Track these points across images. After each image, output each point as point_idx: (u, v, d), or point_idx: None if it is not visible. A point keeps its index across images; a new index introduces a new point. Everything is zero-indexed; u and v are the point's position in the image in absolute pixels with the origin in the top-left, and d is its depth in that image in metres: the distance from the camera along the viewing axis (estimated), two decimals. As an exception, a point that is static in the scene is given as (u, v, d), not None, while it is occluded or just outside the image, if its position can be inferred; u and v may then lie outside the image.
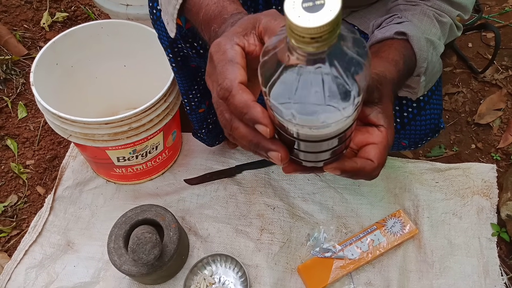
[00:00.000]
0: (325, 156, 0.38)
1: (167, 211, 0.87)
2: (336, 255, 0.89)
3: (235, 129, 0.37)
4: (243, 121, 0.36)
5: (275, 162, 0.38)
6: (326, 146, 0.36)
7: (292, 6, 0.25)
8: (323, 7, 0.24)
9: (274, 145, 0.36)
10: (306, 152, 0.37)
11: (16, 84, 1.21)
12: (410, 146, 0.78)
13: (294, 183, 1.02)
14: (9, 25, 1.32)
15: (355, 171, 0.40)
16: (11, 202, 1.01)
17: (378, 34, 0.56)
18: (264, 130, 0.35)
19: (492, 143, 1.07)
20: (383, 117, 0.42)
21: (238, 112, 0.36)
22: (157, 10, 0.66)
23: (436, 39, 0.58)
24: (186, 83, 0.78)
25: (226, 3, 0.45)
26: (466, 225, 0.93)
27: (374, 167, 0.41)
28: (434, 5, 0.60)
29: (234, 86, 0.36)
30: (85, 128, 0.80)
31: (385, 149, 0.42)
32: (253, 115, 0.35)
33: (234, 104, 0.36)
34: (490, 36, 1.26)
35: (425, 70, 0.56)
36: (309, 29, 0.25)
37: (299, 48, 0.27)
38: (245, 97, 0.35)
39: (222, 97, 0.37)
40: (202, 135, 0.95)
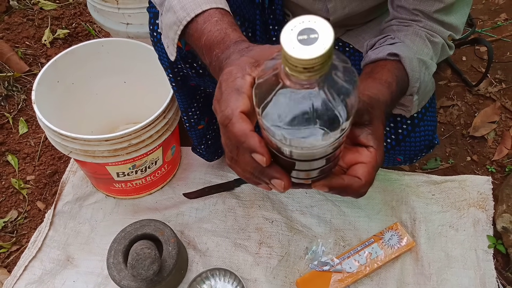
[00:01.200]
0: (314, 174, 0.40)
1: (166, 226, 0.88)
2: (334, 268, 0.89)
3: (240, 155, 0.39)
4: (242, 149, 0.38)
5: (277, 189, 0.39)
6: (316, 165, 0.37)
7: (288, 37, 0.27)
8: (316, 41, 0.26)
9: (278, 173, 0.38)
10: (297, 171, 0.39)
11: (17, 100, 1.23)
12: (405, 162, 0.79)
13: (292, 196, 1.03)
14: (11, 42, 1.34)
15: (342, 188, 0.41)
16: (11, 217, 1.02)
17: (372, 55, 0.58)
18: (260, 159, 0.37)
19: (487, 155, 1.08)
20: (372, 138, 0.44)
21: (237, 141, 0.37)
22: (157, 33, 0.68)
23: (428, 59, 0.60)
24: (185, 101, 0.80)
25: (229, 30, 0.47)
26: (462, 237, 0.94)
27: (361, 184, 0.42)
28: (426, 25, 0.62)
29: (234, 114, 0.37)
30: (86, 145, 0.82)
31: (373, 169, 0.43)
32: (250, 144, 0.36)
33: (233, 132, 0.37)
34: (483, 50, 1.28)
35: (417, 90, 0.58)
36: (302, 60, 0.26)
37: (292, 76, 0.29)
38: (244, 126, 0.37)
39: (222, 124, 0.38)
40: (201, 151, 0.97)
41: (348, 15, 0.72)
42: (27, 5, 1.46)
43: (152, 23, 0.69)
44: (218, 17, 0.49)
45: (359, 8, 0.71)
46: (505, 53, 1.28)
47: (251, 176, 0.40)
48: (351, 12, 0.71)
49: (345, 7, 0.70)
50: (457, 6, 0.61)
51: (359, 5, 0.70)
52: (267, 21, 0.74)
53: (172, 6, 0.52)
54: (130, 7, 0.98)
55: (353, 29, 0.80)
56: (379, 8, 0.74)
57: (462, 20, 0.64)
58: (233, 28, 0.48)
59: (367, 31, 0.77)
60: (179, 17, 0.51)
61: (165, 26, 0.55)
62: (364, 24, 0.79)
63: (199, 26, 0.49)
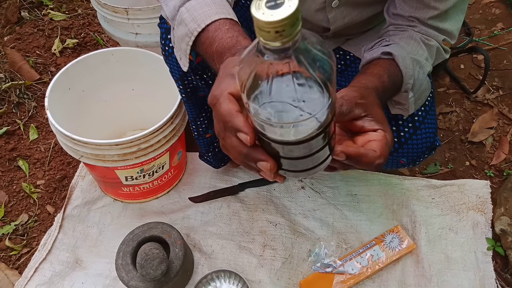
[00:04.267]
0: (311, 163, 0.40)
1: (173, 228, 0.90)
2: (337, 270, 0.91)
3: (227, 138, 0.39)
4: (227, 129, 0.39)
5: (264, 172, 0.39)
6: (309, 149, 0.37)
7: (257, 7, 0.29)
8: (283, 4, 0.29)
9: (263, 156, 0.38)
10: (293, 159, 0.39)
11: (28, 107, 1.27)
12: (408, 164, 0.82)
13: (295, 200, 1.05)
14: (22, 51, 1.38)
15: (359, 156, 0.42)
16: (22, 220, 1.05)
17: (367, 56, 0.62)
18: (244, 138, 0.37)
19: (485, 160, 1.11)
20: (376, 123, 0.46)
21: (223, 120, 0.38)
22: (169, 47, 0.72)
23: (423, 59, 0.63)
24: (194, 111, 0.83)
25: (240, 38, 0.50)
26: (462, 239, 0.96)
27: (376, 155, 0.43)
28: (421, 30, 0.65)
29: (223, 94, 0.39)
30: (96, 149, 0.85)
31: (386, 145, 0.45)
32: (235, 123, 0.37)
33: (219, 112, 0.38)
34: (480, 58, 1.32)
35: (412, 87, 0.60)
36: (272, 22, 0.28)
37: (266, 44, 0.30)
38: (230, 106, 0.38)
39: (211, 103, 0.40)
40: (209, 158, 1.00)
41: (348, 24, 0.75)
42: (38, 16, 1.51)
43: (163, 38, 0.72)
44: (228, 26, 0.52)
45: (358, 17, 0.74)
46: (502, 61, 1.31)
47: (240, 159, 0.40)
48: (351, 22, 0.75)
49: (345, 17, 0.73)
50: (452, 13, 0.64)
51: (358, 14, 0.74)
52: None
53: (184, 19, 0.55)
54: (139, 17, 1.01)
55: (353, 38, 0.83)
56: (377, 17, 0.77)
57: (457, 26, 0.67)
58: (244, 36, 0.51)
59: (366, 39, 0.81)
60: (190, 29, 0.54)
61: (177, 38, 0.57)
62: (363, 33, 0.83)
63: (210, 34, 0.52)
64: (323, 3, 0.71)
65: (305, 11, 0.75)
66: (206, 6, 0.54)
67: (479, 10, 1.48)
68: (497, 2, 1.48)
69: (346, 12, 0.73)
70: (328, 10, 0.72)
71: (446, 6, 0.62)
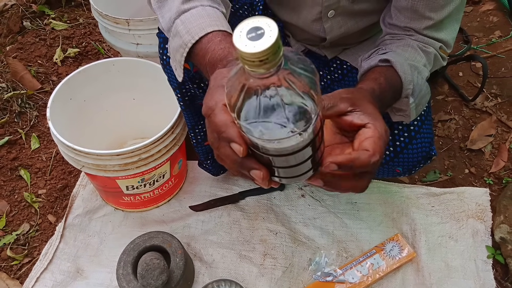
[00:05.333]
0: (304, 168, 0.41)
1: (174, 238, 0.91)
2: (337, 279, 0.92)
3: (221, 148, 0.40)
4: (221, 139, 0.40)
5: (257, 181, 0.40)
6: (301, 157, 0.38)
7: (239, 38, 0.30)
8: (263, 35, 0.30)
9: (256, 165, 0.39)
10: (286, 168, 0.40)
11: (30, 117, 1.28)
12: (404, 173, 0.82)
13: (295, 208, 1.06)
14: (24, 61, 1.40)
15: (350, 161, 0.41)
16: (23, 230, 1.05)
17: (365, 65, 0.62)
18: (238, 148, 0.38)
19: (484, 167, 1.11)
20: (365, 116, 0.44)
21: (217, 130, 0.39)
22: (167, 56, 0.73)
23: (420, 65, 0.63)
24: (193, 119, 0.84)
25: (232, 49, 0.51)
26: (462, 247, 0.96)
27: (370, 154, 0.41)
28: (418, 38, 0.66)
29: (217, 106, 0.40)
30: (98, 160, 0.85)
31: (379, 139, 0.43)
32: (229, 134, 0.38)
33: (214, 122, 0.39)
34: (479, 65, 1.33)
35: (412, 92, 0.60)
36: (255, 54, 0.30)
37: (252, 71, 0.31)
38: (225, 117, 0.39)
39: (205, 114, 0.41)
40: (208, 166, 1.01)
41: (344, 34, 0.76)
42: (40, 25, 1.52)
43: (161, 48, 0.73)
44: (221, 37, 0.53)
45: (354, 27, 0.75)
46: (500, 69, 1.32)
47: (234, 168, 0.41)
48: (347, 31, 0.75)
49: (341, 26, 0.74)
50: (447, 22, 0.65)
51: (354, 24, 0.75)
52: None
53: (179, 31, 0.56)
54: (140, 28, 1.03)
55: (349, 48, 0.84)
56: (374, 27, 0.78)
57: (452, 35, 0.67)
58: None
59: (363, 49, 0.82)
60: (185, 41, 0.55)
61: (172, 50, 0.59)
62: (360, 43, 0.84)
63: (203, 46, 0.53)
64: (319, 14, 0.72)
65: (301, 21, 0.76)
66: (200, 19, 0.55)
67: (477, 18, 1.49)
68: (494, 10, 1.50)
69: (342, 22, 0.73)
70: (324, 20, 0.73)
71: (441, 16, 0.63)
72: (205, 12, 0.56)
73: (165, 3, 0.61)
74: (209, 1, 0.59)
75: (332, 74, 0.87)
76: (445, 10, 0.62)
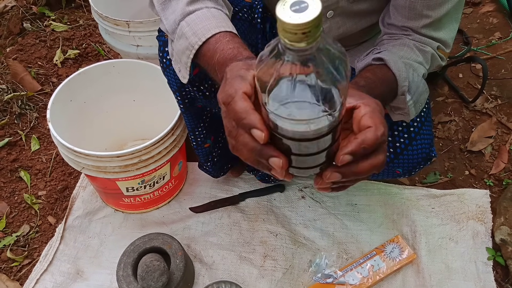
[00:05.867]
0: (320, 159, 0.41)
1: (174, 239, 0.91)
2: (338, 281, 0.92)
3: (240, 136, 0.39)
4: (241, 127, 0.39)
5: (275, 169, 0.39)
6: (322, 144, 0.38)
7: (282, 10, 0.31)
8: (307, 8, 0.30)
9: (276, 152, 0.39)
10: (304, 156, 0.40)
11: (30, 118, 1.28)
12: (404, 174, 0.82)
13: (295, 210, 1.06)
14: (24, 62, 1.40)
15: (360, 145, 0.40)
16: (23, 231, 1.05)
17: (359, 65, 0.63)
18: (259, 134, 0.37)
19: (484, 169, 1.11)
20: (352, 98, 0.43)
21: (238, 117, 0.39)
22: (167, 59, 0.73)
23: (416, 63, 0.63)
24: (192, 122, 0.84)
25: (241, 49, 0.51)
26: (462, 249, 0.96)
27: (373, 130, 0.40)
28: (416, 38, 0.65)
29: (238, 93, 0.39)
30: (98, 161, 0.85)
31: (373, 112, 0.42)
32: (251, 120, 0.38)
33: (234, 110, 0.39)
34: (479, 67, 1.33)
35: (408, 89, 0.60)
36: (300, 25, 0.30)
37: (292, 45, 0.31)
38: (245, 104, 0.39)
39: (225, 102, 0.40)
40: (208, 168, 1.01)
41: (343, 35, 0.76)
42: (40, 27, 1.52)
43: (161, 51, 0.73)
44: (229, 38, 0.53)
45: (353, 28, 0.75)
46: (500, 70, 1.32)
47: (252, 158, 0.40)
48: (346, 32, 0.75)
49: (340, 27, 0.74)
50: (445, 21, 0.64)
51: (353, 25, 0.74)
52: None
53: (184, 33, 0.56)
54: (140, 30, 1.03)
55: (349, 49, 0.84)
56: (373, 28, 0.78)
57: (451, 35, 0.67)
58: (244, 47, 0.51)
59: (363, 51, 0.81)
60: (191, 42, 0.55)
61: (177, 52, 0.59)
62: (360, 44, 0.84)
63: (211, 46, 0.53)
64: None
65: None
66: (206, 20, 0.55)
67: (476, 19, 1.49)
68: (494, 11, 1.50)
69: (341, 22, 0.73)
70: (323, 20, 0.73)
71: (439, 14, 0.62)
72: (210, 13, 0.56)
73: (168, 5, 0.61)
74: (214, 3, 0.59)
75: None
76: (443, 8, 0.62)
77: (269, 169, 0.41)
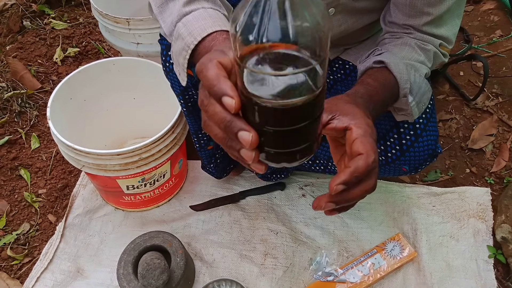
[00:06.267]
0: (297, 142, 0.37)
1: (174, 237, 0.90)
2: (338, 279, 0.91)
3: (210, 105, 0.37)
4: (212, 95, 0.37)
5: (244, 148, 0.37)
6: (301, 117, 0.35)
7: None
8: None
9: (247, 126, 0.36)
10: (278, 134, 0.36)
11: (30, 116, 1.27)
12: (410, 171, 0.82)
13: (296, 208, 1.05)
14: (24, 61, 1.39)
15: (351, 174, 0.40)
16: (23, 230, 1.05)
17: (361, 67, 0.62)
18: (230, 101, 0.35)
19: (485, 167, 1.11)
20: (345, 118, 0.44)
21: (208, 84, 0.37)
22: (169, 63, 0.73)
23: (417, 63, 0.63)
24: (196, 124, 0.84)
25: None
26: (463, 247, 0.96)
27: (364, 157, 0.41)
28: (417, 36, 0.65)
29: (211, 61, 0.38)
30: (98, 159, 0.85)
31: (365, 137, 0.42)
32: (221, 86, 0.36)
33: (206, 77, 0.37)
34: (480, 65, 1.33)
35: (410, 90, 0.60)
36: None
37: None
38: (218, 71, 0.37)
39: (198, 70, 0.39)
40: (211, 169, 1.01)
41: (344, 33, 0.75)
42: (40, 25, 1.52)
43: (164, 55, 0.73)
44: (226, 36, 0.53)
45: (354, 26, 0.75)
46: (501, 68, 1.32)
47: (220, 134, 0.39)
48: (347, 30, 0.75)
49: (341, 25, 0.74)
50: (447, 18, 0.64)
51: (354, 23, 0.74)
52: None
53: (180, 34, 0.55)
54: (140, 27, 1.02)
55: (351, 47, 0.84)
56: (375, 26, 0.78)
57: (453, 31, 0.66)
58: None
59: (365, 48, 0.81)
60: (187, 42, 0.54)
61: (175, 53, 0.58)
62: (361, 42, 0.83)
63: (207, 44, 0.53)
64: None
65: None
66: (202, 20, 0.55)
67: (477, 17, 1.49)
68: (495, 9, 1.50)
69: (342, 20, 0.73)
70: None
71: (440, 11, 0.62)
72: (206, 13, 0.55)
73: (166, 8, 0.60)
74: (211, 4, 0.58)
75: (335, 74, 0.87)
76: (444, 4, 0.61)
77: (238, 150, 0.38)
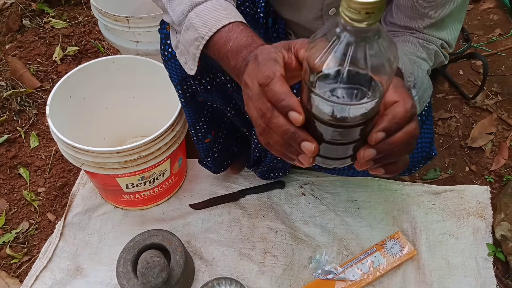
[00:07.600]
0: (348, 151, 0.41)
1: (174, 236, 0.90)
2: (338, 277, 0.91)
3: (274, 118, 0.39)
4: (278, 108, 0.39)
5: (304, 155, 0.40)
6: (354, 134, 0.39)
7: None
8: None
9: (309, 137, 0.39)
10: (334, 145, 0.40)
11: (29, 115, 1.27)
12: (404, 173, 0.82)
13: (295, 206, 1.05)
14: (23, 59, 1.39)
15: (391, 120, 0.39)
16: (22, 228, 1.05)
17: None
18: (297, 116, 0.38)
19: (485, 165, 1.11)
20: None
21: (276, 99, 0.39)
22: (168, 52, 0.72)
23: (420, 59, 0.63)
24: (193, 116, 0.84)
25: (255, 37, 0.51)
26: (462, 245, 0.96)
27: (402, 104, 0.40)
28: (419, 36, 0.65)
29: (276, 75, 0.39)
30: (97, 157, 0.85)
31: (398, 87, 0.41)
32: (290, 101, 0.38)
33: (273, 91, 0.39)
34: (479, 63, 1.33)
35: (414, 84, 0.59)
36: (366, 3, 0.31)
37: (352, 24, 0.32)
38: (285, 86, 0.39)
39: (262, 83, 0.40)
40: (208, 163, 1.00)
41: None
42: (39, 24, 1.52)
43: (163, 43, 0.73)
44: (242, 27, 0.53)
45: None
46: (500, 67, 1.32)
47: (281, 142, 0.40)
48: None
49: None
50: (448, 22, 0.64)
51: None
52: (271, 39, 0.78)
53: (193, 24, 0.55)
54: (140, 26, 1.02)
55: None
56: None
57: (454, 35, 0.67)
58: (258, 37, 0.51)
59: None
60: (201, 33, 0.54)
61: (184, 43, 0.57)
62: None
63: (224, 35, 0.52)
64: (320, 11, 0.71)
65: (303, 19, 0.76)
66: (216, 11, 0.54)
67: (477, 16, 1.49)
68: (495, 8, 1.50)
69: None
70: (325, 18, 0.72)
71: (441, 15, 0.62)
72: (219, 4, 0.55)
73: None
74: None
75: None
76: (446, 8, 0.61)
77: (297, 154, 0.41)
